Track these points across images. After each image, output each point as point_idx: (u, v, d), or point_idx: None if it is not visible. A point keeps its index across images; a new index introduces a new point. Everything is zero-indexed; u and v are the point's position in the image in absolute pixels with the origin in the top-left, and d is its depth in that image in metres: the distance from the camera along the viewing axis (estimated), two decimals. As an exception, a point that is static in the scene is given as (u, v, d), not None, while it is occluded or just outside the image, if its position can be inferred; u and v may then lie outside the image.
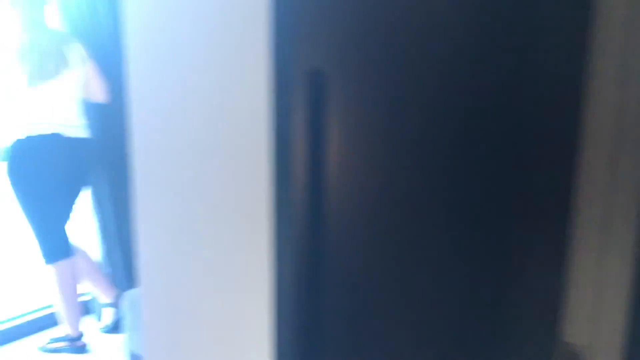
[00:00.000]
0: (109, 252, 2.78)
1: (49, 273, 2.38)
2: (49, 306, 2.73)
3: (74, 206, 2.45)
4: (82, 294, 2.73)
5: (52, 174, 2.28)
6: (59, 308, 2.40)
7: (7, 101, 2.20)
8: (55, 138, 2.26)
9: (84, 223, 2.74)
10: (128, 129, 1.00)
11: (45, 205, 2.30)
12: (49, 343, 2.45)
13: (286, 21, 0.73)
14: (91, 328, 2.67)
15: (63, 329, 2.44)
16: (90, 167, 2.52)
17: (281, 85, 0.75)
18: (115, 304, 2.63)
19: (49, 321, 2.70)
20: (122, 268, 2.79)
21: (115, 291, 2.65)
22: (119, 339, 2.59)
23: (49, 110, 2.24)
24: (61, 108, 2.28)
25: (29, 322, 2.67)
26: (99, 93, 2.47)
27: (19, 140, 2.20)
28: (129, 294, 1.92)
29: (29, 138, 2.20)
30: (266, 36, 0.75)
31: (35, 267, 2.96)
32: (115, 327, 2.64)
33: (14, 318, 2.67)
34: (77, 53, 2.33)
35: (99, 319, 2.73)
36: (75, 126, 2.35)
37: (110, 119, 2.59)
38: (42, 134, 2.22)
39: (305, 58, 0.74)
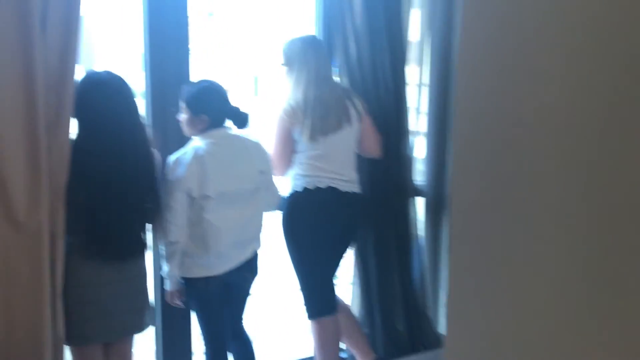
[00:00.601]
0: (369, 312, 2.68)
1: (312, 328, 2.35)
2: (309, 358, 2.71)
3: (341, 262, 2.41)
4: (341, 351, 2.65)
5: (325, 227, 2.27)
6: (319, 363, 2.34)
7: (288, 152, 2.27)
8: (331, 192, 2.25)
9: (346, 280, 2.70)
10: (453, 183, 1.02)
11: (316, 258, 2.29)
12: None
13: None
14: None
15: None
16: (360, 223, 2.45)
17: None
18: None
19: (307, 374, 2.68)
20: (381, 331, 2.65)
21: (372, 355, 2.50)
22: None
23: (326, 163, 2.25)
24: (337, 162, 2.27)
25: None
26: (374, 148, 2.41)
27: (295, 192, 2.25)
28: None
29: (305, 190, 2.23)
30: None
31: (298, 318, 3.01)
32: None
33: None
34: (356, 108, 2.32)
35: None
36: (349, 180, 2.32)
37: (382, 174, 2.52)
38: (318, 186, 2.23)
39: None
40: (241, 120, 2.04)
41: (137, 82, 2.22)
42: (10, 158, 1.61)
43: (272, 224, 2.34)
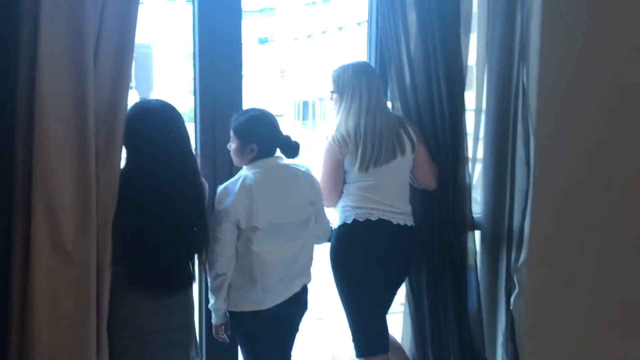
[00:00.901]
0: (421, 350, 2.53)
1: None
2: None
3: (393, 298, 2.29)
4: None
5: (376, 262, 2.16)
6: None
7: (338, 182, 2.19)
8: (382, 224, 2.15)
9: (397, 316, 2.57)
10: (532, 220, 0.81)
11: (366, 294, 2.18)
12: None
13: None
14: None
15: None
16: (414, 258, 2.33)
17: None
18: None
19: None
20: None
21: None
22: None
23: (378, 194, 2.15)
24: (390, 193, 2.17)
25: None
26: (429, 179, 2.30)
27: (344, 224, 2.15)
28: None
29: (355, 222, 2.13)
30: None
31: (347, 354, 2.90)
32: None
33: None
34: (410, 137, 2.22)
35: None
36: (403, 213, 2.21)
37: (437, 205, 2.40)
38: (369, 219, 2.13)
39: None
40: (291, 149, 1.99)
41: (187, 107, 2.22)
42: (60, 187, 1.60)
43: (323, 256, 2.25)
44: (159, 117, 1.74)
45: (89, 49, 1.61)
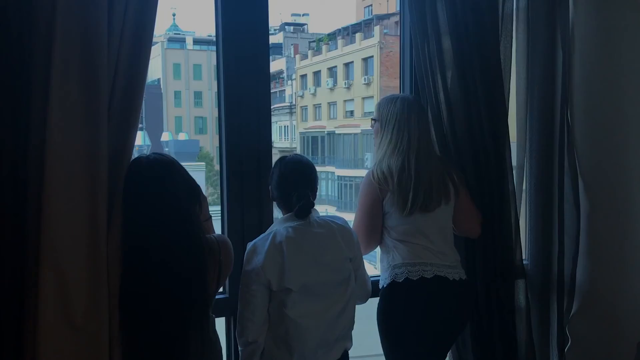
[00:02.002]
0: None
1: None
2: None
3: (444, 360, 2.07)
4: None
5: (432, 325, 1.92)
6: None
7: (376, 225, 1.99)
8: (439, 282, 1.91)
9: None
10: None
11: (416, 358, 1.96)
12: None
13: None
14: None
15: None
16: (470, 315, 2.10)
17: None
18: None
19: None
20: None
21: None
22: None
23: (429, 243, 1.95)
24: (438, 242, 1.96)
25: None
26: (473, 227, 2.10)
27: (395, 283, 1.92)
28: None
29: (407, 281, 1.91)
30: None
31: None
32: None
33: None
34: (454, 182, 2.03)
35: None
36: (456, 265, 1.98)
37: (481, 252, 2.20)
38: (424, 276, 1.90)
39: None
40: (302, 211, 1.74)
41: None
42: (70, 252, 1.42)
43: (364, 318, 2.03)
44: (144, 178, 1.51)
45: (104, 112, 1.45)
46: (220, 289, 1.83)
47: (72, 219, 1.43)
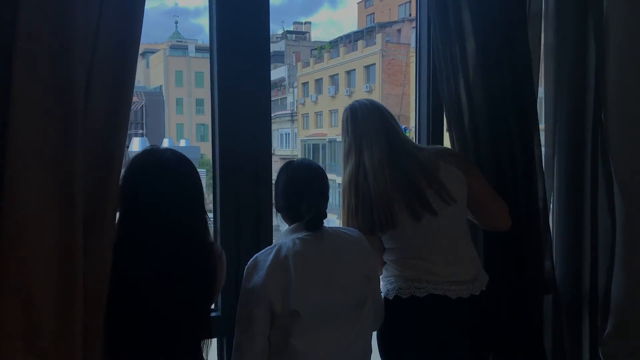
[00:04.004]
0: None
1: None
2: None
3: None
4: None
5: (426, 347, 1.67)
6: None
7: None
8: (434, 302, 1.66)
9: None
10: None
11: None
12: None
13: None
14: None
15: None
16: (484, 335, 1.82)
17: None
18: None
19: None
20: None
21: None
22: None
23: (426, 255, 1.71)
24: (441, 254, 1.71)
25: None
26: (501, 216, 1.83)
27: (386, 300, 1.69)
28: None
29: (397, 299, 1.67)
30: None
31: None
32: None
33: None
34: (455, 175, 1.78)
35: None
36: (464, 280, 1.71)
37: (510, 264, 1.96)
38: (415, 295, 1.66)
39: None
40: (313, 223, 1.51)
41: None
42: (37, 267, 1.19)
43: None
44: (171, 173, 1.34)
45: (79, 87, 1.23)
46: (212, 306, 1.61)
47: (39, 225, 1.20)
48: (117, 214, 1.32)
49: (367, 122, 1.73)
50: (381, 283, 1.74)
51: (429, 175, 1.71)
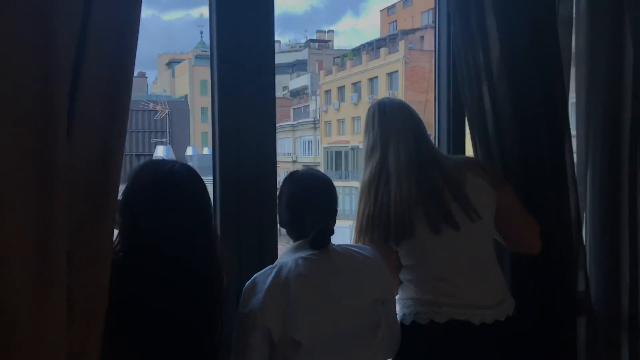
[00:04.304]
0: None
1: None
2: None
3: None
4: None
5: None
6: None
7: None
8: (456, 328, 1.50)
9: None
10: None
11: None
12: None
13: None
14: None
15: None
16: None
17: None
18: None
19: None
20: None
21: None
22: None
23: (447, 277, 1.55)
24: (463, 275, 1.55)
25: None
26: (530, 236, 1.67)
27: (402, 325, 1.53)
28: None
29: (414, 325, 1.52)
30: None
31: None
32: None
33: None
34: (482, 188, 1.62)
35: None
36: (489, 305, 1.54)
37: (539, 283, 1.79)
38: (434, 320, 1.51)
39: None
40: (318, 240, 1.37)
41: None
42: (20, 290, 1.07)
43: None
44: (184, 186, 1.24)
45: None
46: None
47: (14, 240, 1.07)
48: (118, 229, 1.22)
49: (397, 119, 1.60)
50: (397, 305, 1.59)
51: (455, 187, 1.56)
